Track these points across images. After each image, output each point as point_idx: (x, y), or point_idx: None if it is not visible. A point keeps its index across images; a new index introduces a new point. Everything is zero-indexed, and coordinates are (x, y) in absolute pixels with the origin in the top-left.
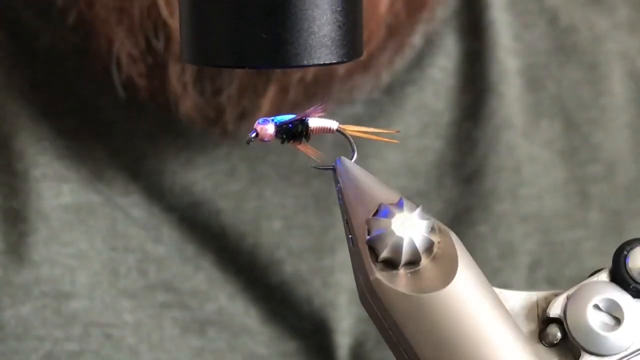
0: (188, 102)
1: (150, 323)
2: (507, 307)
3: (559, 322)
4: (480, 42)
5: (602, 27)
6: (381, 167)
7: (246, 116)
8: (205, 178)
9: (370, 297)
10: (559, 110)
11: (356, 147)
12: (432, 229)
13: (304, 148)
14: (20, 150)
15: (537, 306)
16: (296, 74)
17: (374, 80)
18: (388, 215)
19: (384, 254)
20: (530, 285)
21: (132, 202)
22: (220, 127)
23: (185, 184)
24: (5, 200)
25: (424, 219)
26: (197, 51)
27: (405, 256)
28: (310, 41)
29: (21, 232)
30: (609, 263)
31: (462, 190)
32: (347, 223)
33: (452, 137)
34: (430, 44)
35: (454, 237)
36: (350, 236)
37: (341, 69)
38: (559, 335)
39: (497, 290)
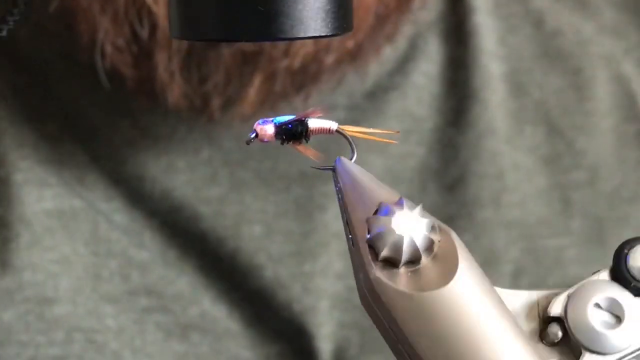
0: (175, 91)
1: (133, 328)
2: (510, 307)
3: (559, 321)
4: (464, 47)
5: (588, 31)
6: None
7: (232, 104)
8: (185, 183)
9: (371, 297)
10: (543, 116)
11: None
12: (433, 228)
13: (304, 149)
14: (2, 155)
15: (538, 305)
16: (283, 62)
17: (362, 72)
18: (388, 213)
19: (384, 252)
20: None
21: (114, 208)
22: (207, 115)
23: (165, 189)
24: None
25: (424, 217)
26: (186, 25)
27: (405, 255)
28: (305, 13)
29: (3, 238)
30: (592, 270)
31: (445, 197)
32: (347, 223)
33: (435, 143)
34: (413, 49)
35: (454, 235)
36: (350, 236)
37: (329, 58)
38: (559, 334)
39: (497, 289)
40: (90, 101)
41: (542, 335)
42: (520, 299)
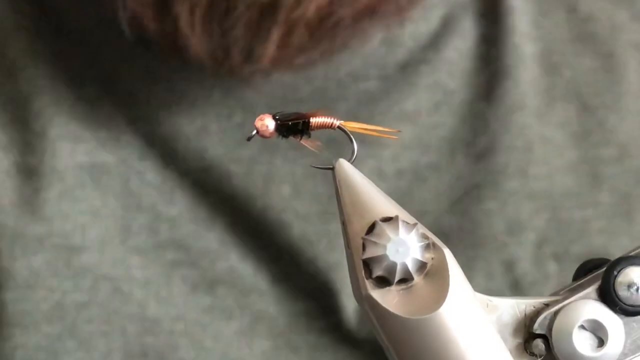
0: (197, 44)
1: (160, 280)
2: (496, 315)
3: (544, 337)
4: (498, 26)
5: (620, 18)
6: (393, 140)
7: (253, 59)
8: (218, 144)
9: (362, 309)
10: (574, 94)
11: (356, 143)
12: (427, 247)
13: (306, 142)
14: (39, 110)
15: (525, 316)
16: (297, 11)
17: (390, 42)
18: (382, 238)
19: (377, 273)
20: (536, 261)
21: (147, 166)
22: (227, 68)
23: (198, 150)
24: (21, 156)
25: (419, 240)
26: None
27: (398, 276)
28: None
29: (35, 188)
30: (616, 243)
31: (473, 166)
32: (343, 224)
33: (465, 115)
34: (447, 26)
35: (447, 254)
36: (345, 238)
37: (344, 11)
38: (544, 350)
39: (486, 298)
40: (129, 66)
41: (527, 346)
42: (507, 307)
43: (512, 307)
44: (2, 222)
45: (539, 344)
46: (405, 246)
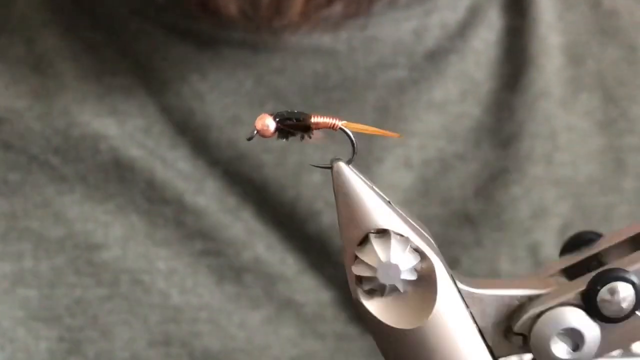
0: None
1: (185, 270)
2: (480, 308)
3: (524, 336)
4: (523, 19)
5: None
6: (421, 129)
7: (280, 11)
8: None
9: (354, 310)
10: (599, 85)
11: (357, 146)
12: (418, 256)
13: (310, 140)
14: (63, 107)
15: (508, 309)
16: None
17: (419, 30)
18: (372, 258)
19: (367, 287)
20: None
21: (179, 156)
22: (257, 23)
23: (230, 139)
24: (44, 154)
25: (410, 261)
26: None
27: (387, 291)
28: None
29: (59, 191)
30: None
31: (498, 153)
32: (339, 227)
33: (491, 104)
34: (474, 17)
35: (436, 265)
36: (341, 238)
37: None
38: (522, 345)
39: (471, 290)
40: (162, 57)
41: (506, 335)
42: (492, 301)
43: (496, 301)
44: (27, 226)
45: (518, 340)
46: (395, 270)
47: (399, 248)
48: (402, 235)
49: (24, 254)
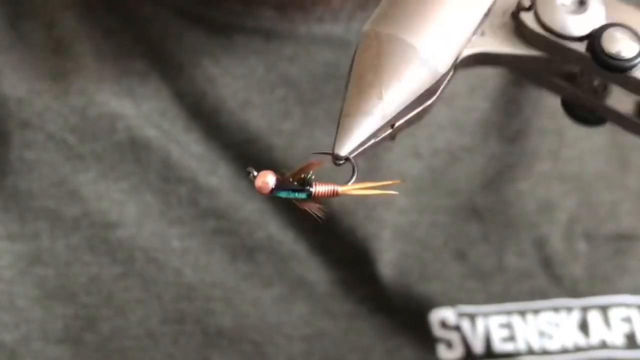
0: None
1: (199, 249)
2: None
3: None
4: None
5: None
6: (428, 121)
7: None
8: (260, 117)
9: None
10: None
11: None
12: None
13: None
14: (82, 88)
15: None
16: None
17: None
18: None
19: None
20: (567, 240)
21: (192, 139)
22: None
23: (242, 122)
24: (61, 133)
25: None
26: None
27: None
28: None
29: (74, 169)
30: None
31: (505, 148)
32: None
33: (498, 99)
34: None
35: None
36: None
37: None
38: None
39: None
40: (177, 41)
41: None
42: None
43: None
44: (43, 205)
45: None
46: None
47: None
48: None
49: (40, 234)
